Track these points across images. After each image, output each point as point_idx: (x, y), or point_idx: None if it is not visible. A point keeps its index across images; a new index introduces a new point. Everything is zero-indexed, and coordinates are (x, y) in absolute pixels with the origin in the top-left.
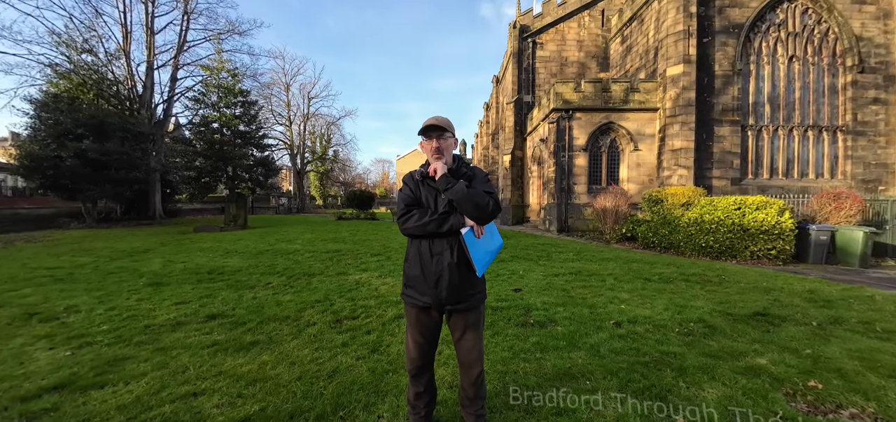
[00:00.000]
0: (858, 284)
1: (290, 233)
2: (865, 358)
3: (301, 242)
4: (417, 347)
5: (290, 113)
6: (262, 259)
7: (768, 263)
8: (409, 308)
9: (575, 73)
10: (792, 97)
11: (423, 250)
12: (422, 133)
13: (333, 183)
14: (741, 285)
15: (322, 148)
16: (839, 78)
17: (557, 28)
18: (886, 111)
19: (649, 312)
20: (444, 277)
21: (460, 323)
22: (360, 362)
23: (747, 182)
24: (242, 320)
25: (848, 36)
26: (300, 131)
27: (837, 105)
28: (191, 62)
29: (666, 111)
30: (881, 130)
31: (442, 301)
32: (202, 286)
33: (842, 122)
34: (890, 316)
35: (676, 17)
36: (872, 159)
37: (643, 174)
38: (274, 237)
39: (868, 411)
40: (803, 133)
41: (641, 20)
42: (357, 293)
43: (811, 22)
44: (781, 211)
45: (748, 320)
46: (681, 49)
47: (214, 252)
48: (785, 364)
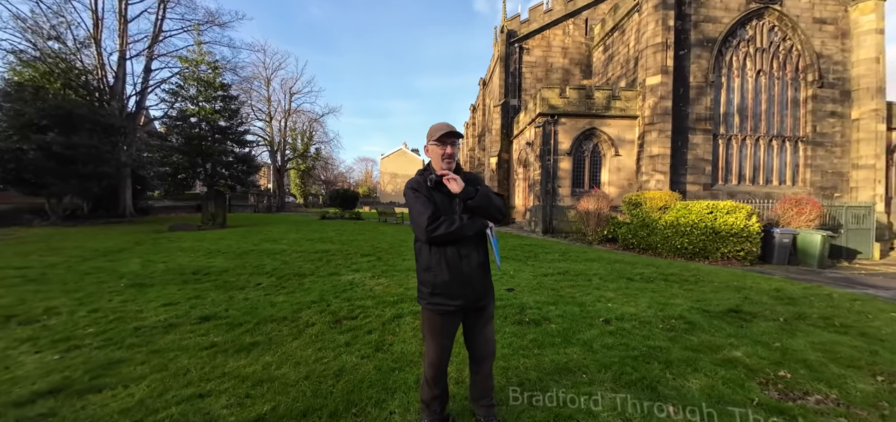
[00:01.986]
0: (817, 284)
1: (273, 232)
2: (827, 350)
3: (287, 241)
4: (443, 351)
5: (270, 108)
6: (248, 259)
7: (737, 263)
8: (433, 316)
9: (560, 79)
10: (759, 109)
11: (449, 256)
12: (437, 140)
13: (315, 181)
14: (715, 284)
15: (303, 145)
16: (801, 92)
17: (543, 35)
18: (842, 124)
19: (634, 310)
20: (474, 276)
21: (480, 319)
22: (365, 360)
23: (718, 187)
24: (238, 322)
25: (809, 53)
26: (281, 127)
27: (799, 117)
28: (167, 53)
29: (645, 119)
30: (837, 142)
31: (471, 301)
32: (189, 287)
33: (803, 133)
34: (846, 312)
35: (656, 30)
36: (829, 168)
37: (623, 178)
38: (257, 237)
39: (831, 398)
40: (768, 142)
41: (623, 31)
42: (352, 294)
43: (777, 39)
44: (749, 215)
45: (723, 317)
46: (659, 60)
47: (196, 252)
48: (758, 356)
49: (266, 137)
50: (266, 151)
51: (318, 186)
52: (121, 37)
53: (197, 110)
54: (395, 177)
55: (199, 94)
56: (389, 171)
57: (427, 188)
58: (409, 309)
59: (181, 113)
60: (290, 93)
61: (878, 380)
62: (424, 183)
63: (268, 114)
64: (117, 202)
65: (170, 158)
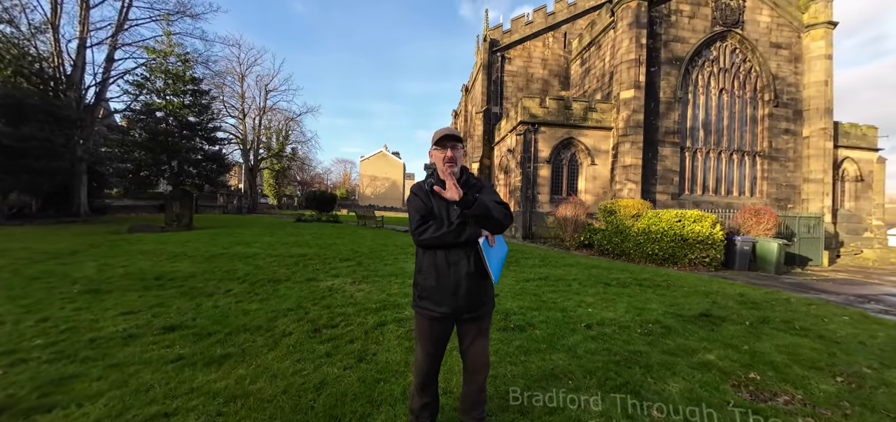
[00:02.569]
0: (776, 289)
1: (245, 235)
2: (790, 352)
3: (259, 244)
4: (429, 358)
5: (244, 105)
6: (217, 264)
7: (703, 269)
8: (421, 320)
9: (539, 89)
10: (721, 124)
11: (439, 261)
12: (437, 143)
13: (290, 182)
14: (685, 290)
15: (279, 144)
16: (759, 110)
17: (524, 45)
18: (795, 140)
19: (613, 315)
20: (462, 286)
21: (472, 330)
22: (347, 372)
23: (685, 197)
24: (207, 332)
25: (766, 74)
26: (255, 125)
27: (757, 133)
28: (133, 43)
29: (619, 130)
30: (790, 157)
31: (460, 310)
32: (151, 294)
33: (760, 148)
34: (804, 316)
35: (629, 47)
36: (783, 181)
37: (599, 186)
38: (227, 239)
39: (797, 398)
40: (729, 156)
41: (599, 46)
42: (332, 301)
43: (738, 60)
44: (714, 224)
45: (695, 321)
46: (632, 75)
47: (159, 255)
48: (729, 359)
49: (238, 135)
50: (238, 149)
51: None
52: (82, 23)
53: (164, 104)
54: (375, 179)
55: (167, 88)
56: (369, 173)
57: (425, 192)
58: (392, 317)
59: (146, 106)
60: (266, 90)
61: (838, 381)
62: (424, 187)
63: (241, 111)
64: (70, 200)
65: (131, 153)
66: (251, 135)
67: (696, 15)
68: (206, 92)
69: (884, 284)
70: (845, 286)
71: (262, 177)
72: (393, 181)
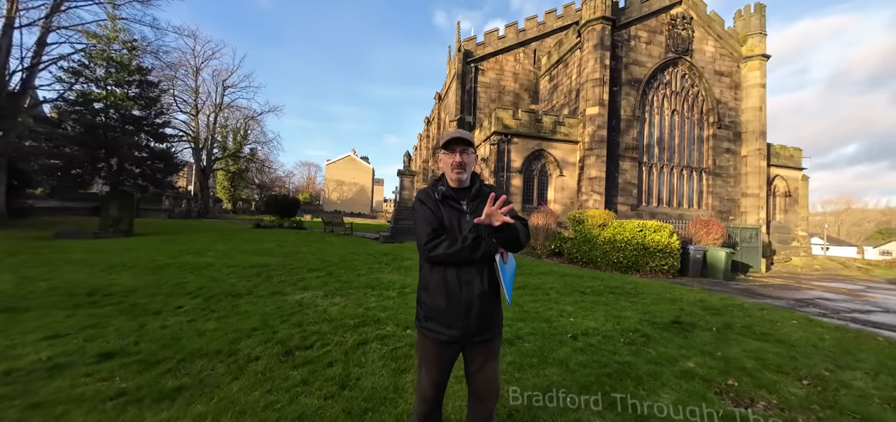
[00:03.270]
0: (729, 295)
1: (196, 242)
2: (758, 357)
3: (213, 253)
4: (435, 385)
5: (197, 101)
6: (164, 276)
7: (662, 276)
8: (428, 343)
9: (511, 102)
10: (673, 142)
11: (449, 279)
12: (444, 146)
13: (247, 185)
14: (653, 297)
15: (236, 144)
16: (705, 130)
17: (497, 59)
18: (735, 159)
19: (595, 324)
20: (474, 307)
21: (482, 353)
22: (329, 402)
23: (643, 208)
24: (155, 358)
25: (711, 99)
26: (209, 123)
27: (703, 151)
28: (71, 26)
29: (585, 144)
30: (731, 173)
31: (471, 333)
32: (83, 313)
33: (706, 164)
34: (760, 321)
35: (595, 67)
36: (726, 195)
37: (566, 197)
38: (175, 247)
39: (774, 403)
40: (680, 171)
41: (566, 64)
42: (303, 317)
43: (687, 85)
44: (671, 234)
45: (669, 328)
46: (597, 93)
47: (92, 266)
48: (707, 366)
49: (190, 133)
50: (189, 148)
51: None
52: (10, 1)
53: (104, 95)
54: (342, 184)
55: (109, 77)
56: (335, 178)
57: (434, 201)
58: (374, 334)
59: (83, 96)
60: (224, 85)
61: (804, 384)
62: (433, 195)
63: (194, 106)
64: None
65: (62, 148)
66: (205, 133)
67: (652, 41)
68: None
69: (813, 288)
70: (784, 291)
71: (216, 179)
72: (361, 186)
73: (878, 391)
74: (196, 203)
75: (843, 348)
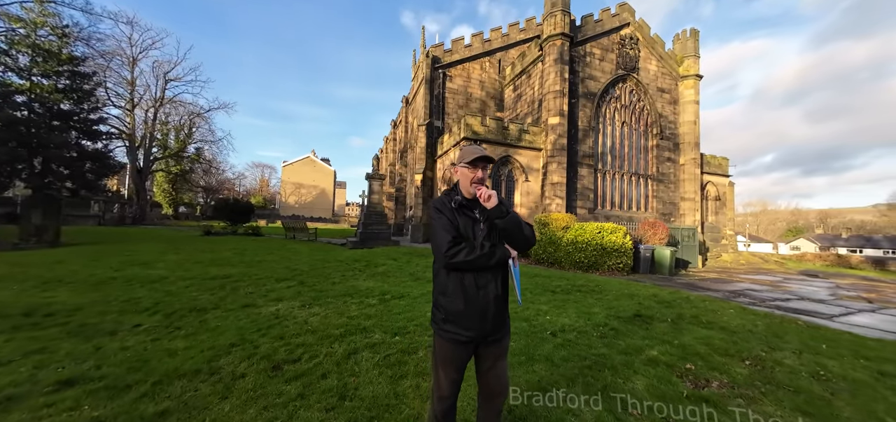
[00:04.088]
0: (676, 289)
1: (140, 253)
2: (707, 343)
3: (164, 265)
4: (453, 384)
5: (133, 94)
6: (110, 291)
7: (618, 273)
8: (445, 344)
9: (478, 109)
10: (623, 151)
11: (467, 284)
12: (470, 163)
13: (192, 188)
14: (614, 293)
15: (179, 143)
16: (649, 141)
17: (464, 66)
18: (675, 167)
19: (569, 321)
20: (490, 309)
21: (494, 352)
22: (331, 414)
23: (598, 211)
24: (124, 382)
25: (654, 113)
26: (147, 119)
27: (648, 160)
28: None
29: (547, 152)
30: (672, 179)
31: (487, 333)
32: (23, 336)
33: (650, 171)
34: (704, 311)
35: (555, 79)
36: (667, 199)
37: (531, 201)
38: (116, 259)
39: (725, 382)
40: (629, 178)
41: (529, 75)
42: (284, 330)
43: (635, 99)
44: (625, 235)
45: (632, 321)
46: (558, 104)
47: (22, 282)
48: (669, 353)
49: (125, 129)
50: (122, 146)
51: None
52: None
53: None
54: (300, 187)
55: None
56: (293, 180)
57: (451, 209)
58: (363, 342)
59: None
60: (166, 78)
61: (747, 364)
62: (448, 204)
63: (130, 101)
64: None
65: None
66: (141, 130)
67: (604, 58)
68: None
69: (742, 280)
70: (719, 284)
71: (154, 181)
72: (322, 190)
73: (804, 367)
74: (131, 208)
75: (772, 332)
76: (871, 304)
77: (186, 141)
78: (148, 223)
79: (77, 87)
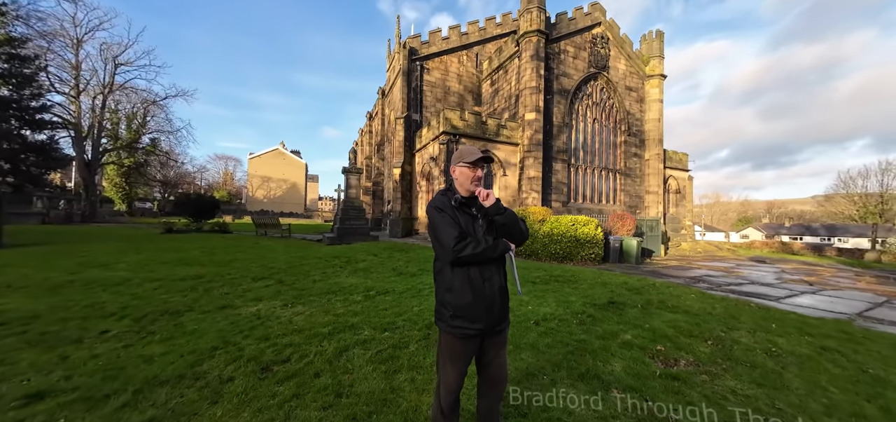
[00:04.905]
0: (643, 276)
1: (97, 253)
2: (674, 326)
3: (126, 266)
4: (461, 377)
5: (79, 80)
6: (69, 295)
7: (590, 263)
8: (455, 340)
9: (456, 102)
10: (594, 147)
11: (473, 277)
12: (471, 163)
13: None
14: (588, 282)
15: (131, 133)
16: (618, 137)
17: (442, 59)
18: (641, 162)
19: (550, 310)
20: (496, 300)
21: (497, 343)
22: (330, 412)
23: (571, 204)
24: (101, 393)
25: (622, 110)
26: (95, 107)
27: (617, 155)
28: None
29: (524, 146)
30: (638, 174)
31: (493, 323)
32: None
33: (619, 166)
34: (669, 296)
35: (531, 75)
36: (634, 192)
37: (509, 195)
38: (70, 260)
39: (691, 361)
40: (599, 172)
41: (506, 70)
42: (268, 331)
43: (605, 97)
44: (597, 227)
45: (607, 308)
46: (534, 100)
47: None
48: (641, 337)
49: (70, 118)
50: (67, 137)
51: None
52: None
53: None
54: (268, 181)
55: None
56: (261, 173)
57: (452, 208)
58: (353, 339)
59: None
60: (115, 62)
61: (709, 344)
62: (449, 203)
63: (75, 87)
64: None
65: None
66: (88, 119)
67: (577, 56)
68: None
69: (700, 267)
70: (680, 271)
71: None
72: (292, 183)
73: (759, 344)
74: (79, 205)
75: (729, 313)
76: (812, 286)
77: (140, 131)
78: (99, 221)
79: (16, 71)
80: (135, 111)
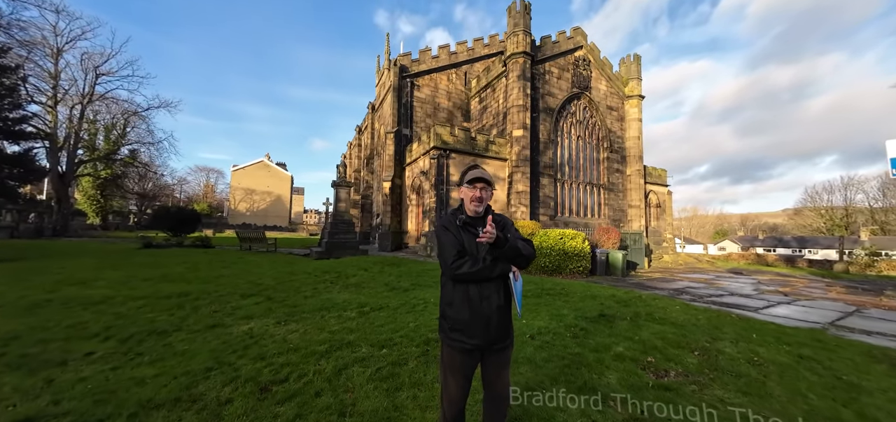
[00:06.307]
0: (630, 289)
1: (73, 270)
2: (663, 338)
3: (106, 283)
4: (462, 389)
5: (57, 89)
6: (47, 316)
7: (578, 276)
8: (453, 353)
9: (445, 118)
10: (579, 163)
11: (472, 295)
12: (469, 182)
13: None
14: (578, 295)
15: (108, 144)
16: (600, 154)
17: (432, 77)
18: (623, 177)
19: (544, 324)
20: (493, 319)
21: (498, 362)
22: None
23: (558, 218)
24: (93, 418)
25: (604, 128)
26: (72, 117)
27: (600, 171)
28: None
29: (512, 162)
30: (620, 189)
31: (491, 342)
32: None
33: (602, 181)
34: (656, 308)
35: (519, 94)
36: (617, 206)
37: (498, 209)
38: (45, 278)
39: (680, 372)
40: (584, 187)
41: (494, 89)
42: (263, 350)
43: (588, 116)
44: (584, 240)
45: (598, 321)
46: (521, 118)
47: None
48: (632, 349)
49: (46, 128)
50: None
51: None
52: None
53: None
54: (252, 193)
55: None
56: (244, 185)
57: (456, 227)
58: (351, 357)
59: None
60: (96, 72)
61: (696, 354)
62: (454, 222)
63: (52, 97)
64: None
65: None
66: (65, 129)
67: (561, 77)
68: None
69: (682, 279)
70: (663, 283)
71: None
72: (277, 196)
73: (742, 354)
74: (51, 218)
75: (713, 324)
76: (787, 296)
77: (119, 142)
78: (71, 235)
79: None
80: (114, 122)
